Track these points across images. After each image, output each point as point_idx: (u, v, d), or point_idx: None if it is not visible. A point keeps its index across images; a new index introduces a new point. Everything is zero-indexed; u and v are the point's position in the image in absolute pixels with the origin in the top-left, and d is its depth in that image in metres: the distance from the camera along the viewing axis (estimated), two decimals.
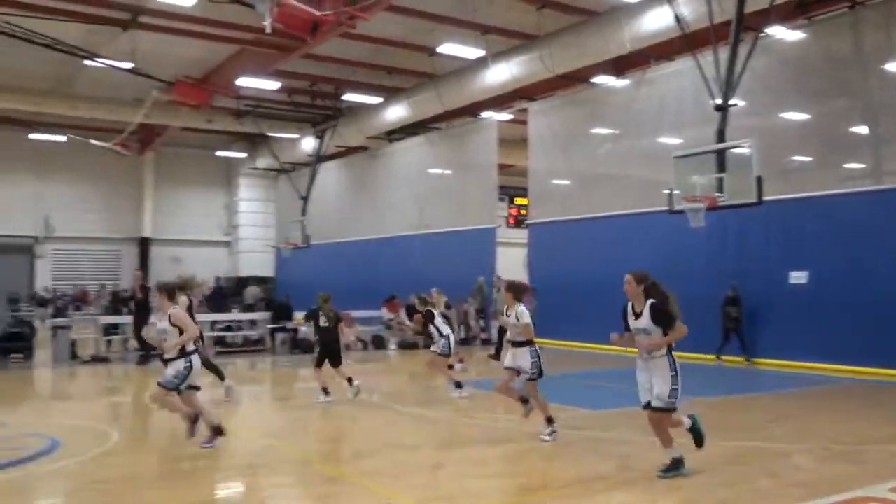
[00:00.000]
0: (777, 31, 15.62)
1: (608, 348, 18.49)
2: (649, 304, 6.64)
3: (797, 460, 7.62)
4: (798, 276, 15.37)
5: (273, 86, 21.88)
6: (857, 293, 14.19)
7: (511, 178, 29.51)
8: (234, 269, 34.60)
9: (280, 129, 27.83)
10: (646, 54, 17.83)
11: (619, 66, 19.42)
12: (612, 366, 16.31)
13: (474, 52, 18.66)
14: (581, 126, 20.79)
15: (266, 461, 7.87)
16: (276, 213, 34.49)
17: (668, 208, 14.85)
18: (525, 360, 8.42)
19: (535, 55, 18.53)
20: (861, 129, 15.20)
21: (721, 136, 14.28)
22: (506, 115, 23.90)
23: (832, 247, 14.85)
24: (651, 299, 6.67)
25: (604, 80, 20.07)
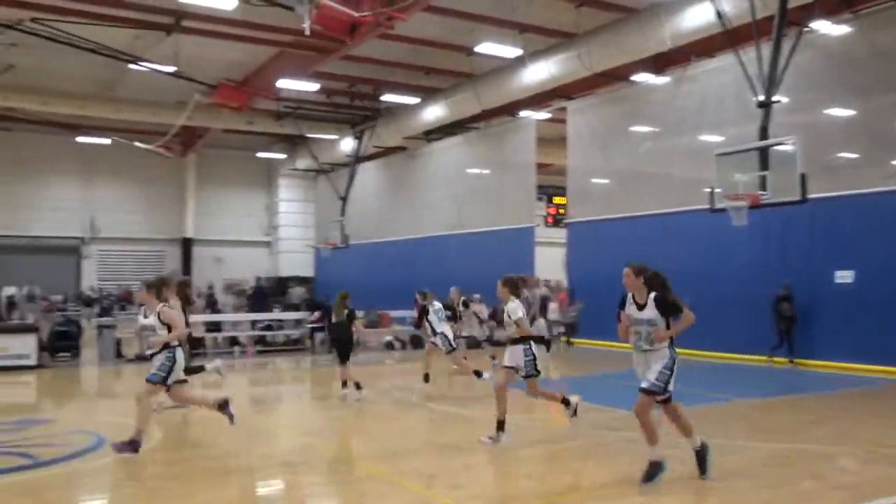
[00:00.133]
0: (821, 26, 15.30)
1: None
2: (654, 297, 6.50)
3: (841, 462, 7.47)
4: (843, 276, 15.06)
5: (312, 87, 22.06)
6: None
7: (549, 177, 29.40)
8: (274, 269, 34.96)
9: (319, 130, 28.05)
10: (686, 51, 17.61)
11: (658, 63, 19.21)
12: None
13: (512, 52, 18.60)
14: (620, 124, 20.61)
15: (305, 460, 7.95)
16: (316, 213, 34.78)
17: (709, 207, 14.65)
18: (519, 358, 8.25)
19: (574, 53, 18.41)
20: None
21: (764, 133, 14.04)
22: (544, 114, 23.79)
23: (878, 245, 14.52)
24: (654, 291, 6.52)
25: (643, 77, 19.87)
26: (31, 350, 15.95)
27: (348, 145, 28.37)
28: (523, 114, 23.76)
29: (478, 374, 12.42)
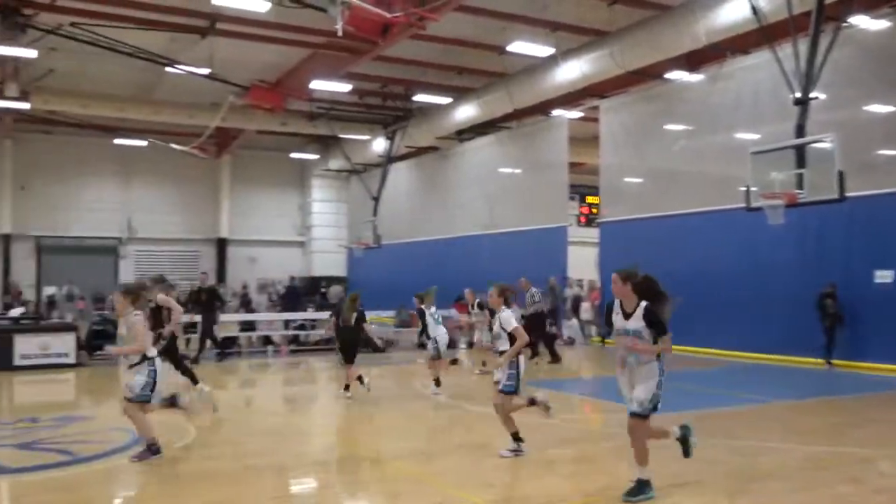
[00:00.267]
0: (860, 21, 15.00)
1: (681, 349, 18.21)
2: (644, 306, 5.99)
3: (881, 466, 7.33)
4: (883, 276, 14.77)
5: (345, 88, 22.17)
6: None
7: (582, 176, 29.24)
8: (307, 268, 35.21)
9: (352, 130, 28.18)
10: (721, 48, 17.38)
11: (692, 60, 18.99)
12: (685, 367, 16.01)
13: (544, 50, 18.51)
14: (654, 123, 20.42)
15: (338, 458, 8.01)
16: (348, 213, 34.96)
17: (745, 206, 14.46)
18: (503, 371, 7.59)
19: (606, 51, 18.29)
20: None
21: (801, 130, 13.82)
22: (576, 113, 23.66)
23: None
24: (645, 301, 6.01)
25: (677, 75, 19.66)
26: (70, 349, 16.26)
27: (380, 146, 28.48)
28: (556, 113, 23.65)
29: (437, 384, 12.27)
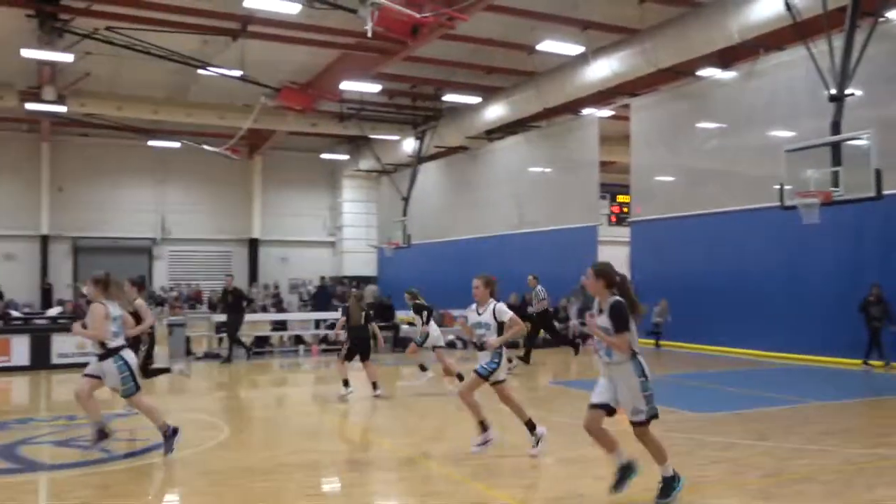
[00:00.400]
0: None
1: (713, 349, 18.03)
2: (611, 302, 5.86)
3: None
4: None
5: (374, 89, 22.28)
6: None
7: (613, 175, 29.08)
8: (338, 268, 35.41)
9: (382, 131, 28.31)
10: (754, 45, 17.19)
11: (725, 57, 18.80)
12: (718, 367, 15.85)
13: (574, 49, 18.45)
14: (686, 121, 20.24)
15: (370, 458, 8.04)
16: (378, 213, 35.13)
17: (779, 204, 14.28)
18: (486, 359, 7.58)
19: (637, 49, 18.17)
20: None
21: (836, 127, 13.62)
22: (607, 112, 23.54)
23: None
24: (615, 297, 5.87)
25: (709, 72, 19.47)
26: None
27: (410, 146, 28.56)
28: (586, 111, 23.54)
29: (422, 368, 13.14)
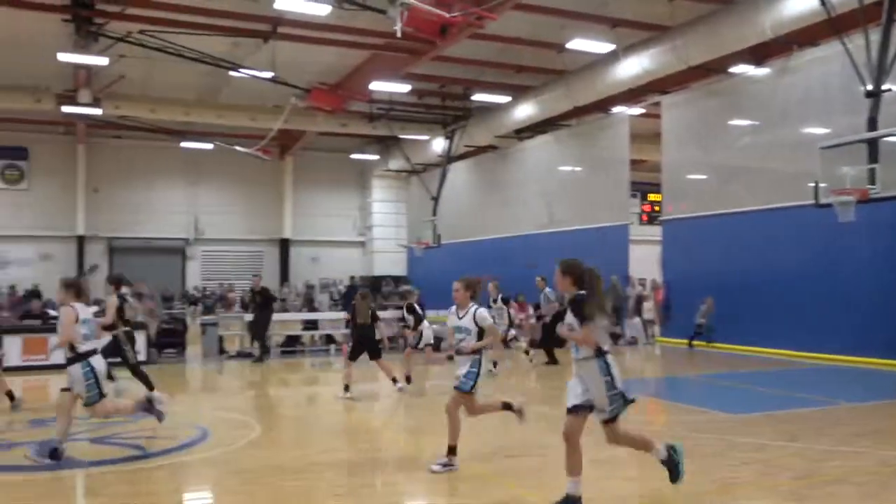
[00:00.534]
0: None
1: (745, 349, 17.81)
2: (571, 297, 5.71)
3: None
4: None
5: (404, 89, 22.32)
6: None
7: (643, 173, 28.83)
8: (368, 268, 35.56)
9: (411, 130, 28.36)
10: (787, 40, 16.94)
11: (757, 54, 18.56)
12: (749, 367, 15.66)
13: (604, 47, 18.32)
14: (718, 118, 20.01)
15: (399, 457, 8.06)
16: (408, 213, 35.18)
17: (814, 202, 14.07)
18: (464, 367, 7.17)
19: (668, 46, 18.01)
20: None
21: (873, 124, 13.40)
22: (637, 110, 23.36)
23: None
24: (578, 292, 5.71)
25: (742, 69, 19.24)
26: (140, 346, 16.71)
27: (440, 145, 28.58)
28: (616, 110, 23.39)
29: (394, 381, 12.22)
